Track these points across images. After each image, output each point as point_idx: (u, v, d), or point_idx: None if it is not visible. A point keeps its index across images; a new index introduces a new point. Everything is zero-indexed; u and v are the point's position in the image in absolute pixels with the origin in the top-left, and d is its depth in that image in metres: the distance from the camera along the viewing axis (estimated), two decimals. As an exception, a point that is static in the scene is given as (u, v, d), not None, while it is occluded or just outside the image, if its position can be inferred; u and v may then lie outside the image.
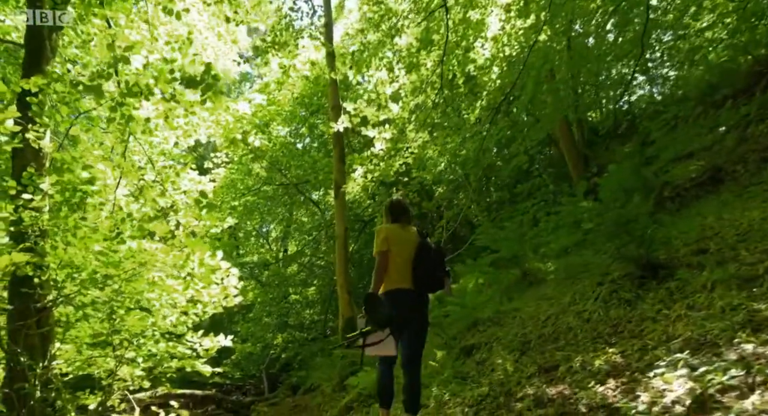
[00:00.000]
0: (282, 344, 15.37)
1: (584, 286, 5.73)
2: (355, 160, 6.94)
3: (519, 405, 3.45)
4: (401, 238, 3.72)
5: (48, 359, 4.22)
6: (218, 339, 5.31)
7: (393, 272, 3.61)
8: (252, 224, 17.12)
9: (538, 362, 4.30)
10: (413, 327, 3.63)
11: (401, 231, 3.78)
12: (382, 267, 3.60)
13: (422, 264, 3.64)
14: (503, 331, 5.62)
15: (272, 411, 8.18)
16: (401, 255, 3.64)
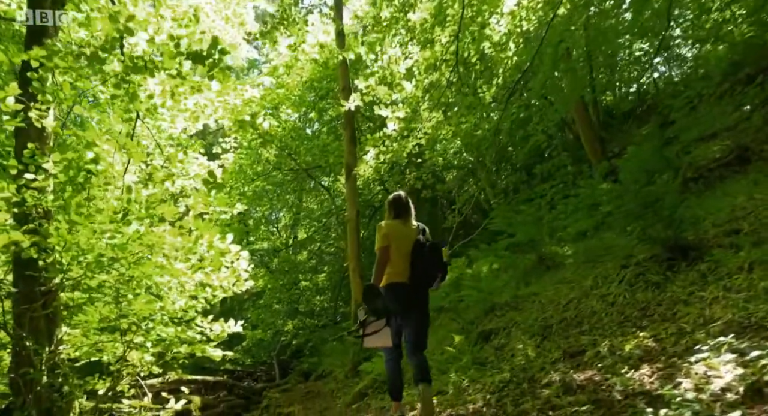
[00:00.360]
0: (293, 331, 15.34)
1: (606, 269, 5.51)
2: (368, 142, 6.72)
3: (546, 392, 3.27)
4: (401, 234, 3.86)
5: (54, 344, 4.10)
6: (229, 324, 5.17)
7: (393, 267, 3.77)
8: (261, 210, 16.99)
9: (561, 347, 4.11)
10: (414, 319, 3.77)
11: (402, 227, 3.91)
12: (383, 262, 3.77)
13: (419, 260, 3.78)
14: (522, 316, 5.43)
15: (284, 397, 8.09)
16: (400, 250, 3.79)
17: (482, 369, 4.52)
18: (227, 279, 4.72)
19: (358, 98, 6.18)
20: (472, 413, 3.42)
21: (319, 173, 14.61)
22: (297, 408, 6.22)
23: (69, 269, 4.14)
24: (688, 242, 4.68)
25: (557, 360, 3.88)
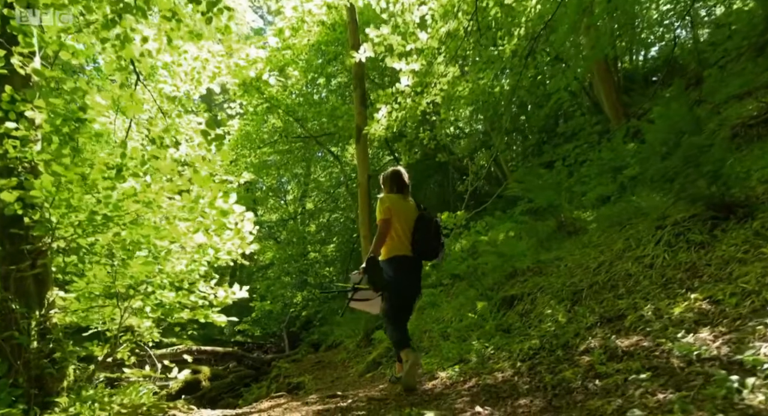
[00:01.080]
0: (302, 302, 15.16)
1: (638, 232, 5.11)
2: (379, 98, 6.27)
3: (585, 359, 2.91)
4: (402, 208, 3.99)
5: (45, 307, 3.79)
6: (233, 290, 4.84)
7: (394, 240, 3.89)
8: (268, 181, 16.61)
9: (596, 312, 3.75)
10: (413, 290, 3.99)
11: (402, 201, 4.04)
12: (384, 234, 3.86)
13: (421, 233, 3.93)
14: (547, 281, 5.06)
15: (294, 367, 7.86)
16: (402, 224, 3.92)
17: (508, 336, 4.18)
18: (230, 240, 4.37)
19: (370, 48, 5.69)
20: (502, 382, 3.08)
21: (328, 142, 14.12)
22: (307, 378, 5.96)
23: (58, 227, 3.80)
24: (735, 199, 4.25)
25: (593, 326, 3.52)
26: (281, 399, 4.53)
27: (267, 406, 4.10)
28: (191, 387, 9.43)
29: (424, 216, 4.01)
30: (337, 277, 16.58)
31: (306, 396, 4.43)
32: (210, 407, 8.82)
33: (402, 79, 6.07)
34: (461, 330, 4.89)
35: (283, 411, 3.57)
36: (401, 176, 4.15)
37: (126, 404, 3.56)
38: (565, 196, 7.91)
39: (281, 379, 6.84)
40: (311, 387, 5.32)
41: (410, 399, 3.24)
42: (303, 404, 3.82)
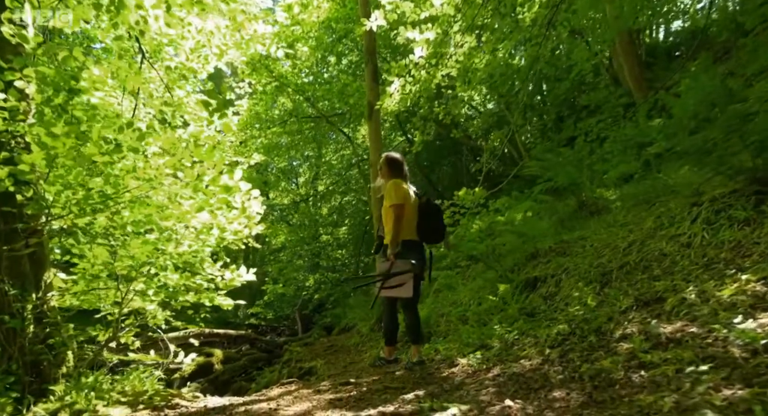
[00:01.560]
0: (314, 285, 15.04)
1: (669, 209, 4.78)
2: (392, 70, 5.93)
3: (624, 346, 2.63)
4: (408, 193, 4.06)
5: (42, 289, 3.59)
6: (239, 272, 4.61)
7: (405, 224, 3.93)
8: (279, 162, 16.34)
9: (630, 294, 3.45)
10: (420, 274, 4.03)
11: (407, 186, 4.11)
12: (401, 219, 3.88)
13: (427, 218, 4.07)
14: (572, 262, 4.76)
15: (306, 351, 7.68)
16: (409, 208, 3.99)
17: (532, 320, 3.90)
18: (236, 220, 4.12)
19: (381, 16, 5.35)
20: (531, 371, 2.81)
21: (339, 122, 13.77)
22: (319, 363, 5.76)
23: (53, 206, 3.57)
24: (782, 172, 3.91)
25: (628, 309, 3.23)
26: (292, 386, 4.32)
27: (277, 393, 3.89)
28: (204, 370, 9.36)
29: (429, 202, 4.17)
30: (349, 260, 16.40)
31: (318, 383, 4.22)
32: (223, 390, 8.73)
33: (416, 49, 5.72)
34: (481, 313, 4.62)
35: (294, 399, 3.35)
36: (401, 161, 4.27)
37: (127, 392, 3.36)
38: (587, 174, 7.56)
39: (293, 364, 6.66)
40: (323, 373, 5.12)
41: (429, 389, 2.99)
42: (314, 392, 3.60)
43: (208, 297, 4.06)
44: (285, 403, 3.22)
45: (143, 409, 2.96)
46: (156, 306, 4.05)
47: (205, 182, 3.98)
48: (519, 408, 2.15)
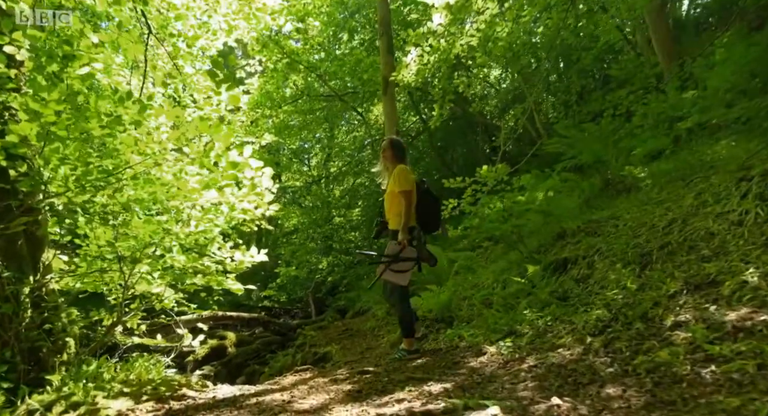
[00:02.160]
0: (327, 268, 14.85)
1: (712, 185, 4.42)
2: (409, 39, 5.55)
3: (681, 335, 2.32)
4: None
5: (41, 272, 3.35)
6: (251, 253, 4.34)
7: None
8: (291, 142, 16.02)
9: (677, 277, 3.13)
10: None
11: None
12: (411, 204, 3.86)
13: (427, 206, 4.07)
14: (604, 242, 4.43)
15: (320, 335, 7.47)
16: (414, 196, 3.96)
17: (565, 305, 3.60)
18: (246, 198, 3.84)
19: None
20: (573, 362, 2.52)
21: (352, 101, 13.36)
22: (334, 348, 5.53)
23: (49, 182, 3.32)
24: None
25: (677, 293, 2.91)
26: (306, 373, 4.08)
27: (290, 382, 3.65)
28: (217, 353, 9.25)
29: (430, 190, 4.15)
30: (362, 242, 16.16)
31: (334, 371, 3.98)
32: (236, 373, 8.60)
33: (434, 16, 5.34)
34: (507, 297, 4.33)
35: (309, 389, 3.10)
36: (404, 146, 4.27)
37: (132, 380, 3.14)
38: (613, 151, 7.17)
39: (307, 348, 6.45)
40: (339, 359, 4.89)
41: (458, 380, 2.72)
42: (331, 381, 3.35)
43: (217, 280, 3.81)
44: (299, 394, 2.97)
45: (147, 400, 2.73)
46: (166, 289, 3.80)
47: (212, 158, 3.71)
48: (569, 407, 1.86)
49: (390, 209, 4.04)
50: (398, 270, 3.73)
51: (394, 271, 3.73)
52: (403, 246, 3.74)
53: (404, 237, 3.76)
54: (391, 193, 4.00)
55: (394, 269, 3.73)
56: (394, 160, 4.09)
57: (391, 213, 4.03)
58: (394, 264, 3.73)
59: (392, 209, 4.00)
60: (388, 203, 4.07)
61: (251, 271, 15.16)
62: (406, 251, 3.76)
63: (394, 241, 3.82)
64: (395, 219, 3.94)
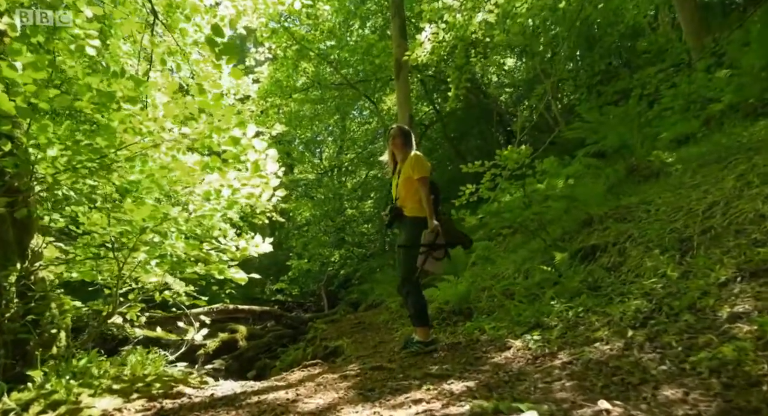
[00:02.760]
0: (339, 261, 14.61)
1: (755, 166, 4.07)
2: (423, 15, 5.22)
3: (745, 328, 2.00)
4: None
5: (29, 259, 3.12)
6: (256, 242, 4.07)
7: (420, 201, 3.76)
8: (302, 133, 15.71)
9: (726, 263, 2.79)
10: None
11: None
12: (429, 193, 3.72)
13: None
14: (637, 228, 4.09)
15: (331, 328, 7.21)
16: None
17: (597, 295, 3.28)
18: (249, 180, 3.56)
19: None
20: (615, 358, 2.21)
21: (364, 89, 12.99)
22: (346, 342, 5.26)
23: (37, 162, 3.07)
24: None
25: (729, 281, 2.58)
26: (315, 369, 3.81)
27: (297, 378, 3.38)
28: (228, 347, 9.10)
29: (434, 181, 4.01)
30: (375, 235, 15.87)
31: (345, 366, 3.70)
32: (247, 367, 8.39)
33: (451, -10, 5.01)
34: (531, 287, 4.01)
35: (316, 387, 2.83)
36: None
37: (124, 377, 2.89)
38: (638, 135, 6.78)
39: (317, 342, 6.18)
40: (351, 353, 4.61)
41: (482, 378, 2.42)
42: (340, 377, 3.07)
43: (218, 268, 3.54)
44: (306, 392, 2.70)
45: (137, 398, 2.48)
46: (174, 280, 3.55)
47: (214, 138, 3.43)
48: (622, 414, 1.55)
49: (406, 196, 3.86)
50: (435, 258, 3.59)
51: (436, 260, 3.59)
52: (438, 233, 3.59)
53: (434, 226, 3.60)
54: (407, 180, 3.83)
55: (437, 257, 3.59)
56: (405, 148, 3.98)
57: (407, 201, 3.85)
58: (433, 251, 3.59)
59: (408, 196, 3.84)
60: (403, 190, 3.89)
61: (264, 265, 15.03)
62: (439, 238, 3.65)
63: (426, 230, 3.65)
64: (414, 206, 3.78)
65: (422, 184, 3.72)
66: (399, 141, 4.00)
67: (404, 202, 3.87)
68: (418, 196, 3.74)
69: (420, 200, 3.73)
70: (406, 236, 3.77)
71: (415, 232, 3.67)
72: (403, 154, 3.97)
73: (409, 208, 3.82)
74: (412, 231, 3.72)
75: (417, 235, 3.64)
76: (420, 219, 3.72)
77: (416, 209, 3.76)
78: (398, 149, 4.00)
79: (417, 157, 3.84)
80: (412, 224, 3.75)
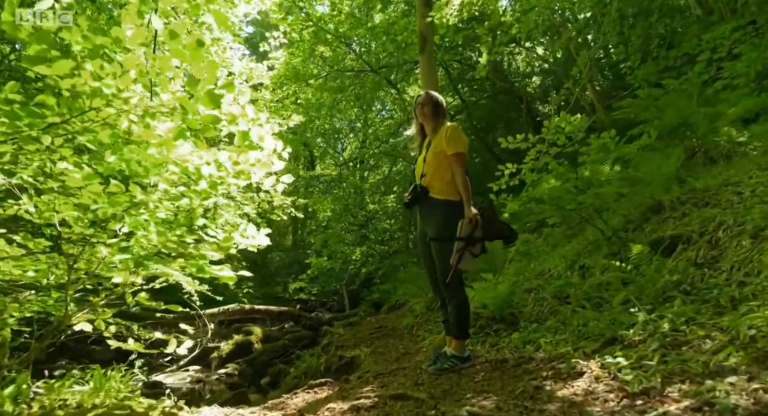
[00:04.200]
0: (361, 258, 13.92)
1: None
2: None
3: None
4: None
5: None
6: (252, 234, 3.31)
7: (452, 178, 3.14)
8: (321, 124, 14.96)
9: None
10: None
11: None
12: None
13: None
14: (727, 214, 3.22)
15: (349, 333, 6.44)
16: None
17: (695, 300, 2.43)
18: (239, 153, 2.81)
19: None
20: None
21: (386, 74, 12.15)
22: (364, 352, 4.49)
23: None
24: None
25: None
26: (323, 391, 3.06)
27: (299, 406, 2.63)
28: (243, 350, 8.55)
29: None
30: (397, 233, 15.11)
31: (359, 388, 2.93)
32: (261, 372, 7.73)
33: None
34: (592, 289, 3.18)
35: (317, 425, 2.07)
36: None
37: (70, 404, 2.19)
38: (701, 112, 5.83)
39: (332, 350, 5.44)
40: (368, 367, 3.84)
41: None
42: (352, 409, 2.30)
43: (197, 265, 2.80)
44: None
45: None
46: (125, 279, 2.81)
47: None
48: None
49: (434, 174, 3.14)
50: (473, 254, 2.92)
51: (472, 256, 2.92)
52: (476, 223, 2.94)
53: (472, 213, 2.95)
54: (438, 155, 3.13)
55: (475, 253, 2.93)
56: (435, 117, 3.30)
57: (435, 180, 3.14)
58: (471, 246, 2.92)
59: (438, 174, 3.13)
60: (431, 167, 3.16)
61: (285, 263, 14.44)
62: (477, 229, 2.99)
63: (463, 220, 2.96)
64: (443, 187, 3.10)
65: (457, 161, 3.06)
66: (428, 109, 3.30)
67: (431, 180, 3.14)
68: (449, 176, 3.08)
69: (451, 181, 3.07)
70: (438, 225, 3.04)
71: (450, 220, 2.99)
72: (434, 124, 3.27)
73: (437, 188, 3.11)
74: (445, 219, 3.04)
75: (452, 224, 2.92)
76: (453, 203, 3.05)
77: (446, 190, 3.09)
78: (428, 119, 3.29)
79: (453, 128, 3.17)
80: (444, 210, 3.06)
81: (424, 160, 3.22)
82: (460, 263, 2.88)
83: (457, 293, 3.00)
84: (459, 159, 3.05)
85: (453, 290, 3.00)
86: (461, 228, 2.92)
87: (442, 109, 3.34)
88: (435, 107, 3.31)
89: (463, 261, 2.89)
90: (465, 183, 2.99)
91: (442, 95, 11.30)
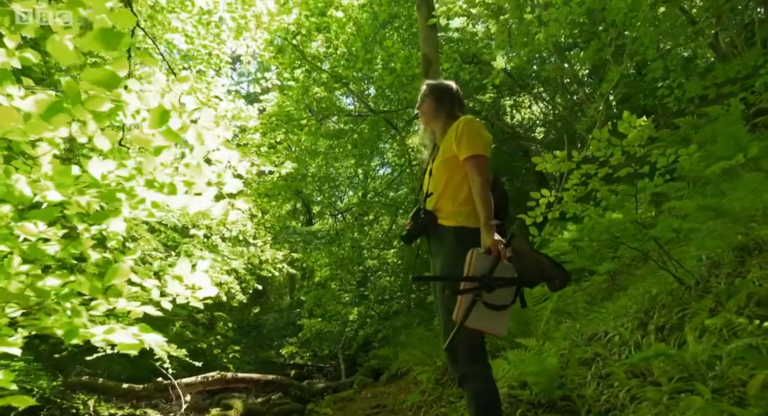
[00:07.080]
0: (359, 319, 12.75)
1: None
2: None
3: None
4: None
5: None
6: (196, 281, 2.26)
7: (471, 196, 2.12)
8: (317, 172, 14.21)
9: None
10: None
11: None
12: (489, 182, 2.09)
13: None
14: None
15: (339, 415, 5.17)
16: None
17: None
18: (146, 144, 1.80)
19: None
20: None
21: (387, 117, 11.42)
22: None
23: None
24: None
25: None
26: None
27: None
28: (222, 427, 7.48)
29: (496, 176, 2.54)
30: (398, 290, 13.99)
31: None
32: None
33: None
34: (691, 364, 2.06)
35: None
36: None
37: None
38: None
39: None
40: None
41: None
42: None
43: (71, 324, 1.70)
44: None
45: None
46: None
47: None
48: None
49: (444, 191, 2.19)
50: (493, 306, 1.81)
51: (490, 308, 1.81)
52: (498, 255, 1.87)
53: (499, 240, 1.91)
54: (450, 160, 2.18)
55: (491, 304, 1.82)
56: (440, 110, 2.37)
57: (444, 200, 2.18)
58: (486, 293, 1.82)
59: (448, 191, 2.18)
60: (440, 181, 2.22)
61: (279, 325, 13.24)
62: (501, 266, 1.87)
63: (477, 248, 1.94)
64: (457, 209, 2.13)
65: (475, 166, 2.09)
66: (429, 104, 2.37)
67: (440, 201, 2.18)
68: (464, 193, 2.13)
69: (468, 200, 2.11)
70: (446, 263, 2.07)
71: (464, 256, 1.94)
72: (442, 122, 2.33)
73: (447, 211, 2.16)
74: (455, 254, 2.03)
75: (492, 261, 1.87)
76: (469, 232, 2.06)
77: (460, 214, 2.13)
78: (431, 117, 2.38)
79: (467, 121, 2.21)
80: (454, 242, 2.09)
81: (429, 174, 2.24)
82: (470, 319, 1.81)
83: (471, 370, 1.93)
84: (477, 164, 2.09)
85: (464, 365, 1.92)
86: (470, 262, 1.88)
87: (448, 96, 2.37)
88: (438, 97, 2.38)
89: (475, 317, 1.82)
90: (485, 194, 2.01)
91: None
